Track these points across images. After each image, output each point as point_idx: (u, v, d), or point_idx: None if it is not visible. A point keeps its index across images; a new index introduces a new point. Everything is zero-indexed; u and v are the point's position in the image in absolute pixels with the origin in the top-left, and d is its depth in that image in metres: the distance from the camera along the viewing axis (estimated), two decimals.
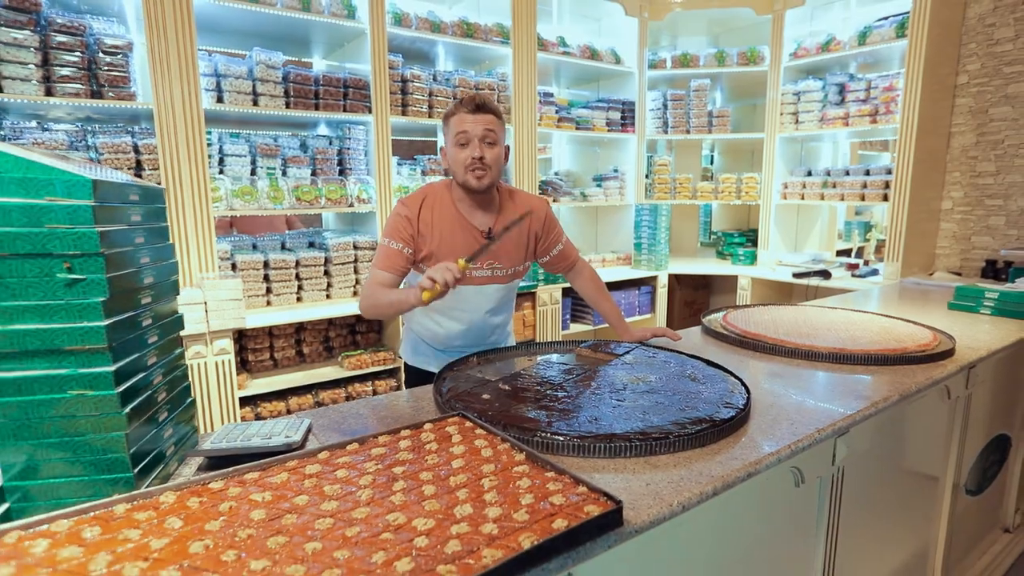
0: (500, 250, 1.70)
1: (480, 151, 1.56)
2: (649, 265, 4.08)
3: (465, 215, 1.68)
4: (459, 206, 1.68)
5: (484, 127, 1.56)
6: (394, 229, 1.64)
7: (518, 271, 1.81)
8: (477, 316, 1.78)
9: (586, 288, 1.98)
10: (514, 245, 1.74)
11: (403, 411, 1.37)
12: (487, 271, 1.73)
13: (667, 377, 1.48)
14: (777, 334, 1.90)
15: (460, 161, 1.58)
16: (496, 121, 1.60)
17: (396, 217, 1.65)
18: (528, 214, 1.66)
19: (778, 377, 1.58)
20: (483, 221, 1.70)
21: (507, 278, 1.78)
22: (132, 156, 2.41)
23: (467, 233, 1.67)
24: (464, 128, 1.56)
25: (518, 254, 1.77)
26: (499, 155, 1.62)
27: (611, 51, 3.99)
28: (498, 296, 1.79)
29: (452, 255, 1.61)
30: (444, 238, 1.65)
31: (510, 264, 1.76)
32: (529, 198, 1.82)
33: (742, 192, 4.25)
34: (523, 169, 3.58)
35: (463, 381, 1.48)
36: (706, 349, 1.88)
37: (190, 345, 2.37)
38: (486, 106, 1.58)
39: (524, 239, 1.77)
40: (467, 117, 1.56)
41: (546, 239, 1.84)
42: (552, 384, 1.43)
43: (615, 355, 1.70)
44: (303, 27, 2.86)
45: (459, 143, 1.58)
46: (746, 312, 2.27)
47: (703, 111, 4.22)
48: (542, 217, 1.81)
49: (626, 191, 4.25)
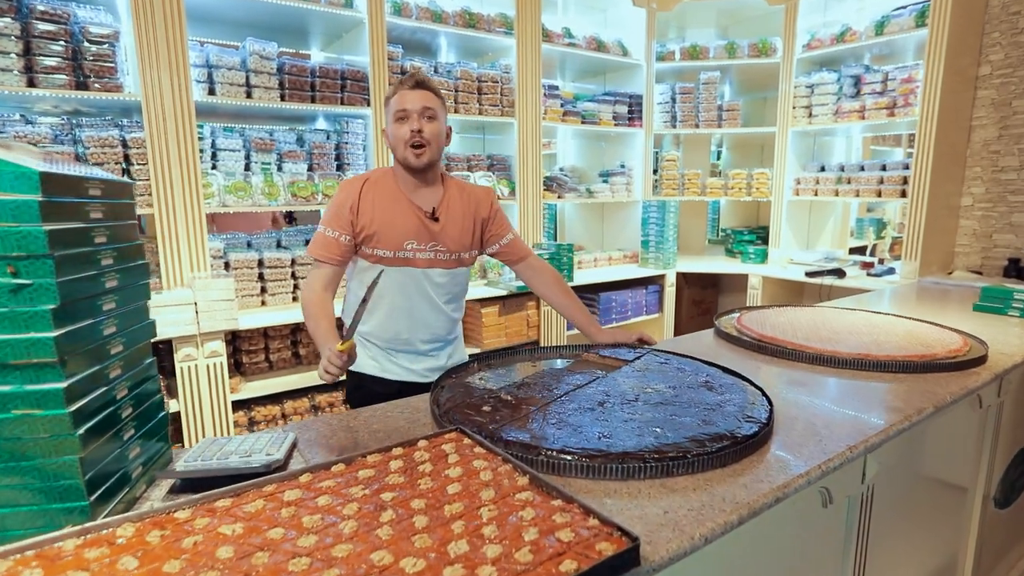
0: (443, 231, 1.64)
1: (418, 124, 1.53)
2: (657, 263, 3.97)
3: (407, 194, 1.62)
4: (401, 186, 1.63)
5: (423, 103, 1.54)
6: (332, 215, 1.58)
7: (463, 259, 1.70)
8: (422, 302, 1.66)
9: (547, 288, 1.85)
10: (459, 228, 1.67)
11: (397, 424, 1.27)
12: (429, 252, 1.64)
13: (681, 386, 1.38)
14: (796, 338, 1.79)
15: (400, 137, 1.55)
16: (435, 99, 1.57)
17: (334, 201, 1.60)
18: (380, 274, 1.46)
19: (800, 385, 1.48)
20: (426, 200, 1.63)
21: (451, 263, 1.68)
22: (120, 150, 2.31)
23: (408, 212, 1.60)
24: (403, 105, 1.54)
25: (463, 238, 1.68)
26: (439, 131, 1.58)
27: (618, 43, 3.88)
28: (443, 281, 1.68)
29: (393, 234, 1.59)
30: (385, 217, 1.60)
31: (454, 247, 1.66)
32: (477, 187, 1.77)
33: (753, 188, 4.13)
34: (527, 164, 3.47)
35: (462, 390, 1.38)
36: (720, 354, 1.77)
37: (180, 347, 2.28)
38: (425, 83, 1.57)
39: (470, 223, 1.69)
40: (407, 94, 1.54)
41: (492, 226, 1.76)
42: (558, 394, 1.33)
43: (624, 361, 1.60)
44: (299, 16, 2.76)
45: (398, 118, 1.55)
46: (761, 314, 2.17)
47: (713, 105, 4.09)
48: (488, 204, 1.75)
49: (633, 187, 4.13)
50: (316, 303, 1.53)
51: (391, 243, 1.59)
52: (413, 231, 1.60)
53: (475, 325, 3.26)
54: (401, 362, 1.69)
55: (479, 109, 3.27)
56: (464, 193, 1.70)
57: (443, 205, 1.64)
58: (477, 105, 3.26)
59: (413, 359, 1.70)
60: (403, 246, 1.60)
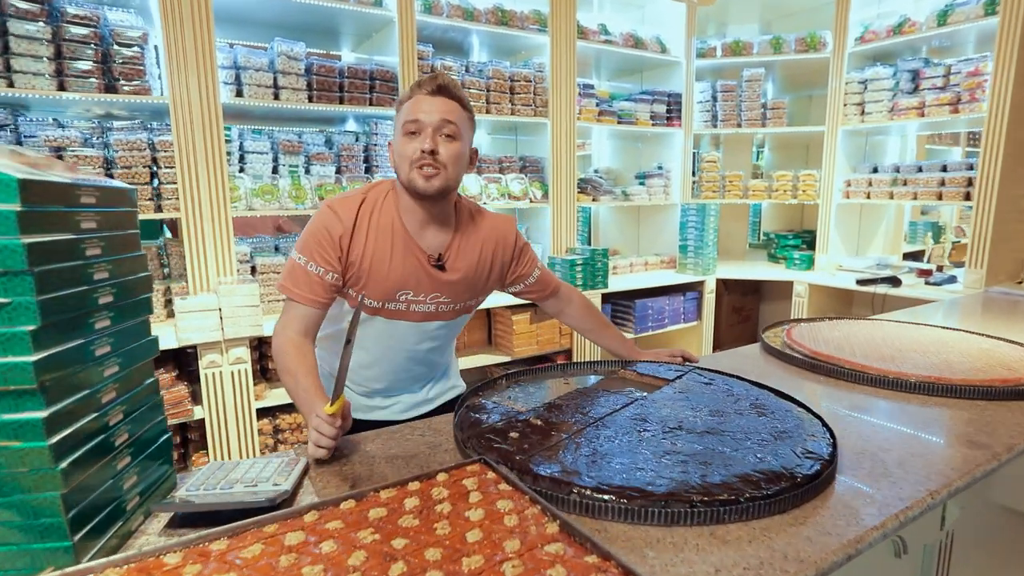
0: (448, 282, 1.34)
1: (432, 143, 1.20)
2: (696, 269, 3.80)
3: (411, 231, 1.29)
4: (405, 218, 1.29)
5: (442, 115, 1.21)
6: (314, 244, 1.24)
7: (468, 305, 1.44)
8: (405, 356, 1.41)
9: (580, 318, 1.64)
10: (470, 276, 1.37)
11: (417, 448, 1.17)
12: (429, 305, 1.35)
13: (728, 412, 1.25)
14: (854, 356, 1.63)
15: (406, 155, 1.22)
16: (460, 111, 1.25)
17: (321, 226, 1.24)
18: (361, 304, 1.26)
19: (862, 412, 1.32)
20: (433, 242, 1.31)
21: (453, 313, 1.41)
22: (148, 154, 2.29)
23: (409, 256, 1.29)
24: (417, 115, 1.21)
25: (474, 287, 1.41)
26: (459, 154, 1.25)
27: (656, 39, 3.73)
28: (440, 334, 1.42)
29: (385, 281, 1.28)
30: (378, 256, 1.27)
31: (461, 298, 1.39)
32: (495, 218, 1.45)
33: (799, 191, 3.91)
34: (561, 166, 3.36)
35: (487, 412, 1.27)
36: (768, 371, 1.62)
37: (204, 354, 2.25)
38: (449, 89, 1.23)
39: (485, 268, 1.41)
40: (423, 100, 1.21)
41: (518, 267, 1.49)
42: (592, 419, 1.21)
43: (664, 380, 1.47)
44: (329, 16, 2.71)
45: (408, 131, 1.22)
46: (812, 327, 2.00)
47: (756, 103, 3.90)
48: (511, 241, 1.45)
49: (671, 189, 3.97)
50: (294, 352, 1.22)
51: (380, 292, 1.28)
52: (410, 279, 1.29)
53: (506, 332, 3.15)
54: (369, 402, 1.47)
55: (511, 109, 3.17)
56: (480, 228, 1.39)
57: (452, 248, 1.34)
58: (509, 105, 3.16)
59: (383, 399, 1.48)
60: (395, 296, 1.30)
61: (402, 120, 1.24)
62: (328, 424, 1.03)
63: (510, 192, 3.24)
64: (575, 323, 1.71)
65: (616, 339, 1.71)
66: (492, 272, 1.44)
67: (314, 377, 1.20)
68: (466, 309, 1.44)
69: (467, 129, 1.27)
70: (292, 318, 1.27)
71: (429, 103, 1.21)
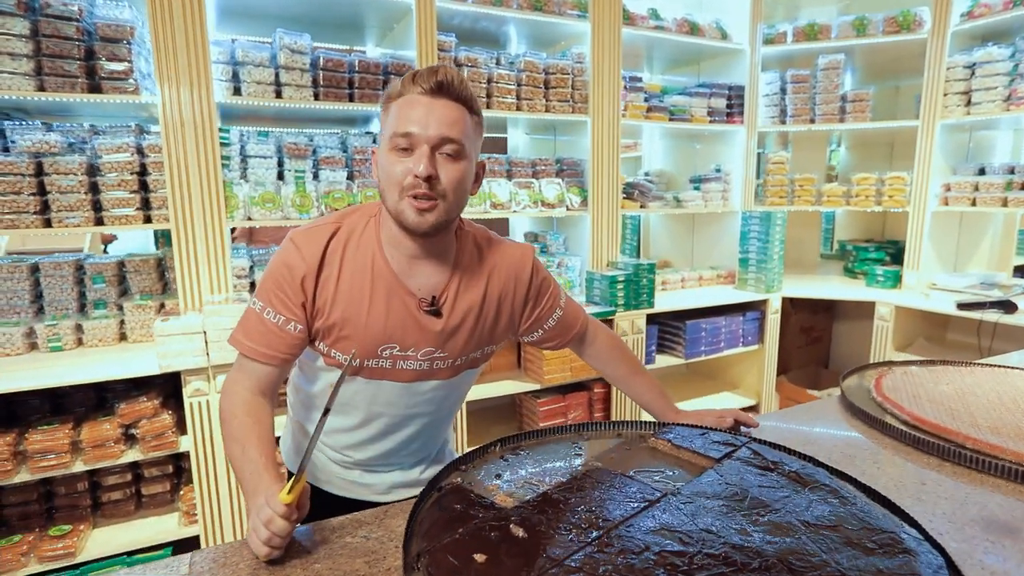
0: (446, 333, 1.06)
1: (429, 166, 0.91)
2: (757, 286, 3.32)
3: (396, 269, 1.02)
4: (389, 252, 1.02)
5: (442, 130, 0.92)
6: (274, 286, 0.99)
7: (474, 359, 1.14)
8: (395, 425, 1.13)
9: (605, 361, 1.31)
10: (472, 325, 1.08)
11: (353, 566, 0.85)
12: (422, 363, 1.06)
13: (799, 526, 0.86)
14: (978, 428, 1.19)
15: (394, 177, 0.93)
16: (466, 118, 0.96)
17: (280, 264, 1.00)
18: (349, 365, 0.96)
19: (1007, 535, 0.90)
20: (427, 283, 1.03)
21: (453, 370, 1.11)
22: (136, 159, 2.10)
23: (394, 300, 1.02)
24: (408, 127, 0.92)
25: (479, 338, 1.11)
26: (463, 177, 0.96)
27: (715, 24, 3.28)
28: (436, 397, 1.13)
29: (366, 337, 1.01)
30: (354, 306, 1.00)
31: (460, 352, 1.09)
32: (508, 248, 1.14)
33: (884, 196, 3.36)
34: (602, 169, 2.98)
35: (459, 507, 0.94)
36: (853, 445, 1.21)
37: (189, 381, 2.02)
38: (451, 89, 0.93)
39: (490, 315, 1.11)
40: (418, 104, 0.92)
41: (536, 307, 1.18)
42: (599, 526, 0.86)
43: (709, 459, 1.09)
44: (347, 8, 2.45)
45: (397, 147, 0.93)
46: (909, 377, 1.55)
47: (834, 95, 3.38)
48: (525, 278, 1.14)
49: (730, 195, 3.51)
50: (243, 415, 0.96)
51: (357, 346, 1.02)
52: (395, 331, 1.02)
53: (535, 357, 2.81)
54: (348, 475, 1.19)
55: (545, 106, 2.82)
56: (487, 262, 1.10)
57: (451, 289, 1.05)
58: (543, 101, 2.81)
59: (364, 473, 1.20)
60: (377, 352, 1.03)
61: (390, 128, 0.94)
62: (283, 518, 0.78)
63: (544, 199, 2.89)
64: (599, 366, 1.36)
65: (649, 390, 1.35)
66: (500, 319, 1.13)
67: (267, 447, 0.94)
68: (471, 364, 1.15)
69: (474, 141, 0.99)
70: (246, 375, 1.02)
71: (426, 108, 0.92)
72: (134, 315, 2.22)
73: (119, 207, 2.08)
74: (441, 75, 0.93)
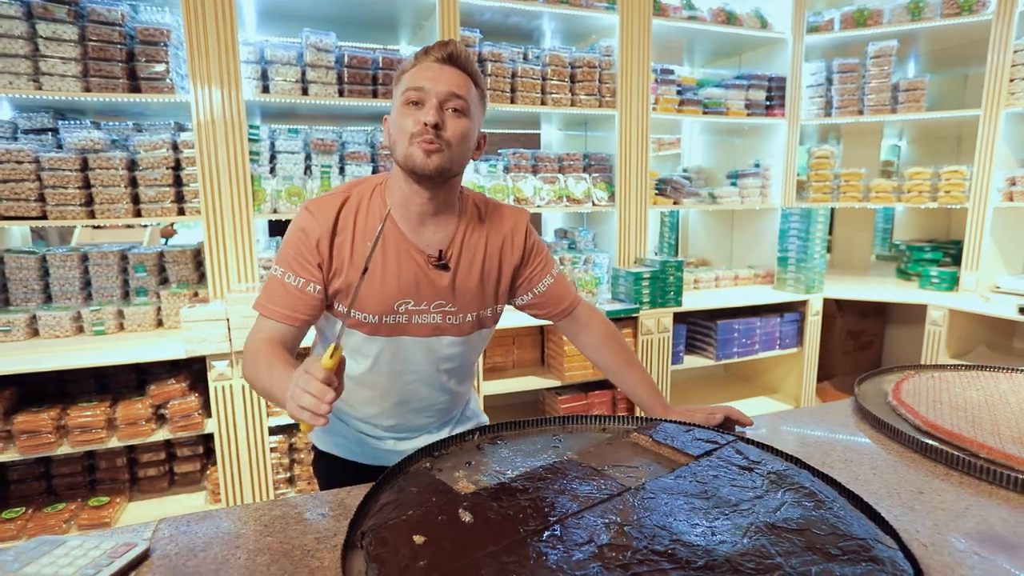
0: (455, 285, 1.13)
1: (436, 115, 1.01)
2: (796, 286, 3.16)
3: (405, 230, 1.10)
4: (397, 214, 1.10)
5: (450, 87, 1.02)
6: (292, 251, 1.08)
7: (483, 317, 1.20)
8: (417, 381, 1.19)
9: (597, 350, 1.32)
10: (478, 277, 1.15)
11: (301, 536, 0.87)
12: (433, 315, 1.13)
13: (765, 531, 0.81)
14: (999, 438, 1.09)
15: (405, 128, 1.02)
16: (470, 85, 1.06)
17: (296, 230, 1.08)
18: (387, 215, 1.06)
19: (1001, 550, 0.82)
20: (433, 239, 1.12)
21: (467, 327, 1.18)
22: (171, 155, 2.22)
23: (404, 258, 1.10)
24: (421, 83, 1.02)
25: (485, 292, 1.18)
26: (466, 133, 1.05)
27: (755, 13, 3.15)
28: (454, 354, 1.19)
29: (378, 290, 1.09)
30: (372, 266, 1.09)
31: (470, 307, 1.16)
32: (504, 208, 1.23)
33: (940, 191, 3.13)
34: (630, 164, 2.92)
35: (420, 486, 0.94)
36: (852, 446, 1.14)
37: (214, 365, 2.12)
38: (459, 59, 1.05)
39: (493, 270, 1.18)
40: (430, 68, 1.03)
41: (527, 267, 1.23)
42: (548, 516, 0.84)
43: (687, 456, 1.05)
44: (375, 6, 2.50)
45: (409, 101, 1.03)
46: (937, 381, 1.43)
47: (885, 84, 3.18)
48: (520, 235, 1.21)
49: (769, 191, 3.36)
50: (268, 349, 1.04)
51: (374, 304, 1.09)
52: (409, 286, 1.10)
53: (556, 353, 2.78)
54: (382, 445, 1.26)
55: (571, 100, 2.79)
56: (487, 221, 1.19)
57: (456, 243, 1.13)
58: (569, 95, 2.78)
59: (397, 442, 1.26)
60: (393, 308, 1.11)
61: (403, 88, 1.05)
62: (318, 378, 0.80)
63: (570, 194, 2.86)
64: (592, 355, 1.35)
65: (641, 384, 1.32)
66: (502, 275, 1.20)
67: (288, 365, 0.99)
68: (480, 323, 1.21)
69: (477, 108, 1.10)
70: (265, 333, 1.09)
71: (436, 71, 1.04)
72: (170, 303, 2.35)
73: (155, 200, 2.20)
74: (451, 47, 1.05)
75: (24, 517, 2.07)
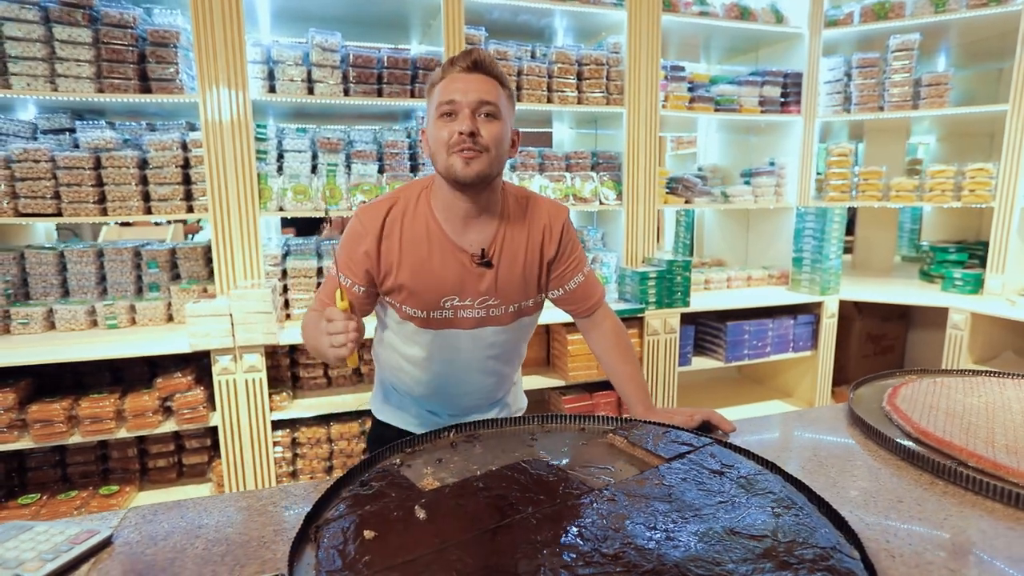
0: (497, 280, 1.21)
1: (471, 124, 1.08)
2: (811, 287, 3.08)
3: (449, 231, 1.18)
4: (442, 216, 1.18)
5: (480, 95, 1.09)
6: (345, 254, 1.20)
7: (525, 307, 1.29)
8: (465, 367, 1.30)
9: (602, 347, 1.38)
10: (520, 271, 1.23)
11: (262, 532, 0.88)
12: (478, 310, 1.22)
13: (722, 530, 0.79)
14: (992, 447, 1.04)
15: (442, 140, 1.10)
16: (498, 88, 1.13)
17: (349, 235, 1.21)
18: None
19: (974, 564, 0.78)
20: (476, 239, 1.19)
21: (509, 316, 1.27)
22: (180, 154, 2.27)
23: (449, 258, 1.18)
24: (451, 95, 1.09)
25: (527, 283, 1.26)
26: (501, 135, 1.12)
27: (770, 8, 3.08)
28: (499, 341, 1.28)
29: (426, 289, 1.19)
30: (414, 264, 1.18)
31: (513, 299, 1.25)
32: (545, 202, 1.29)
33: (964, 190, 3.01)
34: (638, 163, 2.88)
35: (376, 482, 0.94)
36: (835, 451, 1.10)
37: (217, 360, 2.17)
38: (484, 65, 1.11)
39: (535, 262, 1.25)
40: (458, 80, 1.10)
41: (562, 263, 1.29)
42: (501, 516, 0.83)
43: (659, 458, 1.03)
44: (385, 6, 2.52)
45: (443, 114, 1.10)
46: (940, 387, 1.38)
47: (907, 79, 3.07)
48: (558, 230, 1.26)
49: (785, 190, 3.28)
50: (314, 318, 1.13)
51: (422, 301, 1.19)
52: (454, 283, 1.19)
53: (561, 353, 2.77)
54: (439, 421, 1.35)
55: (578, 97, 2.77)
56: (528, 214, 1.25)
57: (498, 241, 1.20)
58: (576, 93, 2.76)
59: (451, 418, 1.36)
60: (440, 304, 1.20)
61: (436, 102, 1.13)
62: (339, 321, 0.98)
63: (576, 192, 2.84)
64: (597, 350, 1.40)
65: (628, 382, 1.33)
66: (542, 268, 1.27)
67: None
68: (524, 312, 1.29)
69: (508, 108, 1.16)
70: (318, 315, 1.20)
71: (464, 81, 1.10)
72: (179, 298, 2.41)
73: (165, 198, 2.26)
74: (475, 55, 1.11)
75: (38, 503, 2.15)
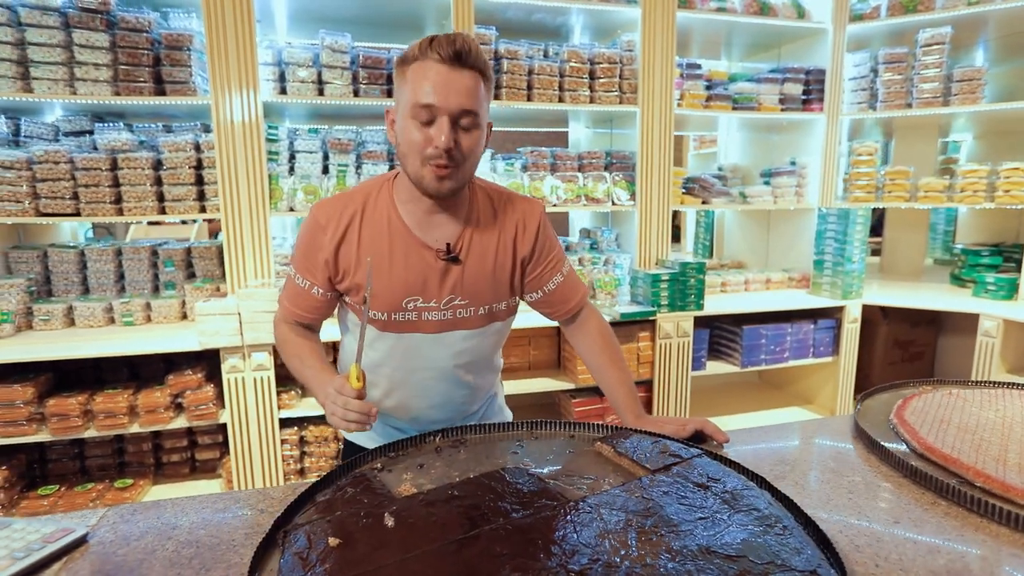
0: (465, 278, 1.11)
1: (450, 136, 0.98)
2: (832, 291, 2.98)
3: (411, 226, 1.09)
4: (404, 210, 1.09)
5: (462, 103, 0.98)
6: (300, 254, 1.13)
7: (497, 311, 1.18)
8: (431, 376, 1.18)
9: (588, 350, 1.29)
10: (490, 269, 1.13)
11: (232, 534, 0.88)
12: (443, 312, 1.12)
13: (697, 547, 0.75)
14: (1002, 465, 0.97)
15: (415, 144, 1.00)
16: (480, 87, 1.01)
17: (304, 233, 1.12)
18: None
19: None
20: (442, 234, 1.10)
21: (479, 320, 1.16)
22: (193, 155, 2.31)
23: (412, 255, 1.09)
24: (431, 99, 0.97)
25: (498, 283, 1.16)
26: (478, 144, 1.04)
27: (792, 2, 2.98)
28: (467, 347, 1.17)
29: (389, 291, 1.09)
30: (378, 264, 1.09)
31: (482, 300, 1.14)
32: (518, 199, 1.20)
33: (998, 190, 2.88)
34: (652, 162, 2.83)
35: (351, 487, 0.93)
36: (833, 467, 1.05)
37: (226, 358, 2.20)
38: (468, 58, 0.98)
39: (507, 261, 1.16)
40: (438, 73, 0.97)
41: (539, 264, 1.20)
42: (469, 526, 0.81)
43: (644, 469, 0.99)
44: (399, 6, 2.53)
45: (418, 119, 0.99)
46: (954, 399, 1.30)
47: (937, 75, 2.94)
48: (533, 227, 1.17)
49: (806, 190, 3.18)
50: (295, 336, 1.17)
51: (383, 302, 1.09)
52: (416, 282, 1.09)
53: (571, 356, 2.74)
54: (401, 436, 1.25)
55: (591, 97, 2.73)
56: (499, 211, 1.16)
57: (466, 235, 1.11)
58: (588, 92, 2.72)
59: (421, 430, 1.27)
60: (401, 305, 1.10)
61: (410, 96, 0.99)
62: (357, 399, 0.96)
63: (589, 192, 2.80)
64: (581, 351, 1.33)
65: (619, 387, 1.28)
66: (515, 268, 1.18)
67: (320, 356, 1.15)
68: (496, 316, 1.19)
69: (486, 107, 1.05)
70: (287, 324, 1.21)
71: (445, 79, 0.97)
72: (193, 296, 2.45)
73: (179, 198, 2.30)
74: (459, 44, 0.97)
75: (56, 495, 2.21)
